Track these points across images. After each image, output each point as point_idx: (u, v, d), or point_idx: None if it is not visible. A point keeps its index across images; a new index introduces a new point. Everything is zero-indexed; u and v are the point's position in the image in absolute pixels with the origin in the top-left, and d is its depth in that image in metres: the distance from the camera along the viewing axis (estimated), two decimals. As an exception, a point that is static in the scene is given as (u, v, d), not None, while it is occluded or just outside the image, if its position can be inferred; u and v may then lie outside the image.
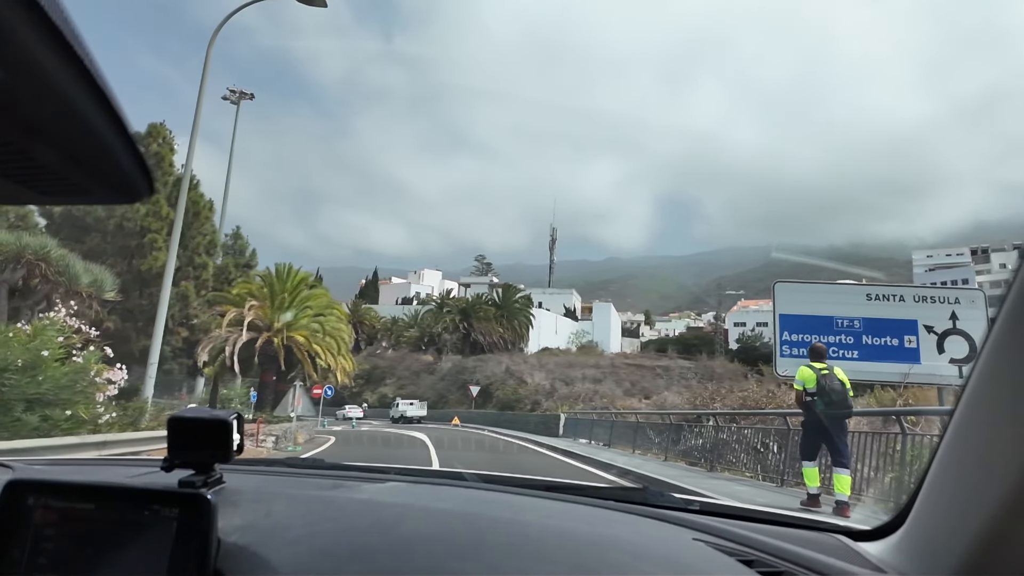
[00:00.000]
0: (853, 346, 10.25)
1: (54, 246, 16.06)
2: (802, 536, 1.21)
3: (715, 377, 45.10)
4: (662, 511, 1.34)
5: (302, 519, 1.02)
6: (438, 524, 1.05)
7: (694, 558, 1.04)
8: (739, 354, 72.54)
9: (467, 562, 0.89)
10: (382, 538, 0.96)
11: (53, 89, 0.44)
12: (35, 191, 0.57)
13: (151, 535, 0.87)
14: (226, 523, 0.93)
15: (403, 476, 1.64)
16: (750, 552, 1.08)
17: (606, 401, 30.32)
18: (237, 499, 1.06)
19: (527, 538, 1.01)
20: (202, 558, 0.85)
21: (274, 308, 24.25)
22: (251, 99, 56.90)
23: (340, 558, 0.89)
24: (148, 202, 25.18)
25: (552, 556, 0.94)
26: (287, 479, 1.49)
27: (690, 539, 1.12)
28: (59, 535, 0.89)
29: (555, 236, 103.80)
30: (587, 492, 1.56)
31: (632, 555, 0.98)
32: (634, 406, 30.68)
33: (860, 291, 10.79)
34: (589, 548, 1.00)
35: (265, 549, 0.90)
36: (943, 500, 0.88)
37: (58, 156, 0.51)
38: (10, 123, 0.46)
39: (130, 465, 1.66)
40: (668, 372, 51.34)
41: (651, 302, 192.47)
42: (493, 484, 1.57)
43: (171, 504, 0.88)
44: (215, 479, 1.01)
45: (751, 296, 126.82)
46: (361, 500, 1.21)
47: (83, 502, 0.90)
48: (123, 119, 0.50)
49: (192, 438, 0.99)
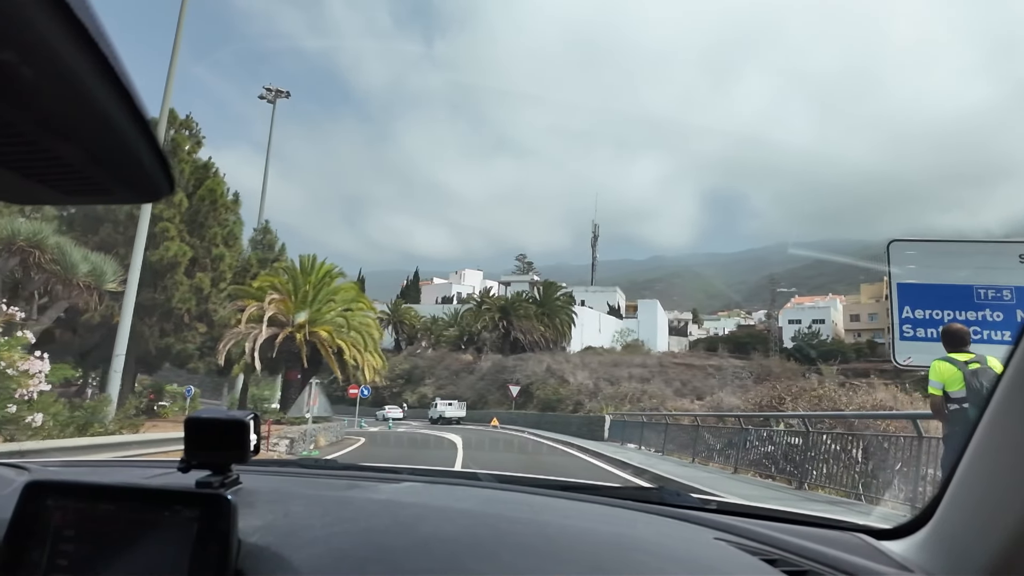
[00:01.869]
0: (1003, 324, 7.56)
1: (50, 233, 14.83)
2: (823, 535, 1.19)
3: (772, 376, 43.27)
4: (680, 511, 1.34)
5: (320, 519, 1.02)
6: (457, 524, 1.05)
7: (717, 557, 1.03)
8: (795, 353, 69.37)
9: (487, 562, 0.89)
10: (401, 538, 0.96)
11: (77, 86, 0.43)
12: (57, 190, 0.57)
13: (171, 536, 0.86)
14: (245, 524, 0.92)
15: (418, 476, 1.63)
16: (773, 551, 1.07)
17: (655, 402, 27.84)
18: (254, 500, 1.07)
19: (547, 538, 1.00)
20: (223, 559, 0.85)
21: (297, 302, 22.76)
22: (287, 97, 56.71)
23: (360, 559, 0.89)
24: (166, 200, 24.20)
25: (572, 556, 0.93)
26: (302, 480, 1.48)
27: (711, 538, 1.12)
28: (78, 536, 0.88)
29: (597, 233, 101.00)
30: (603, 492, 1.57)
31: (653, 555, 0.98)
32: (686, 407, 28.13)
33: (1011, 250, 8.04)
34: (609, 548, 0.99)
35: (285, 549, 0.90)
36: (972, 498, 0.88)
37: (81, 154, 0.51)
38: (35, 121, 0.46)
39: (145, 466, 1.68)
40: (720, 371, 48.75)
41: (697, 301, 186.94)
42: (509, 484, 1.58)
43: (191, 505, 0.88)
44: (232, 480, 1.01)
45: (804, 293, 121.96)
46: (379, 500, 1.21)
47: (102, 503, 0.90)
48: (145, 117, 0.49)
49: (209, 439, 0.99)
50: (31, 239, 14.25)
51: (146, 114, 0.49)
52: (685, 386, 40.15)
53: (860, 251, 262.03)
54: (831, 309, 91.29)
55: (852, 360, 73.53)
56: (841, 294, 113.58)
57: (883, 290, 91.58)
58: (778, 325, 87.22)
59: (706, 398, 36.12)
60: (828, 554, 1.04)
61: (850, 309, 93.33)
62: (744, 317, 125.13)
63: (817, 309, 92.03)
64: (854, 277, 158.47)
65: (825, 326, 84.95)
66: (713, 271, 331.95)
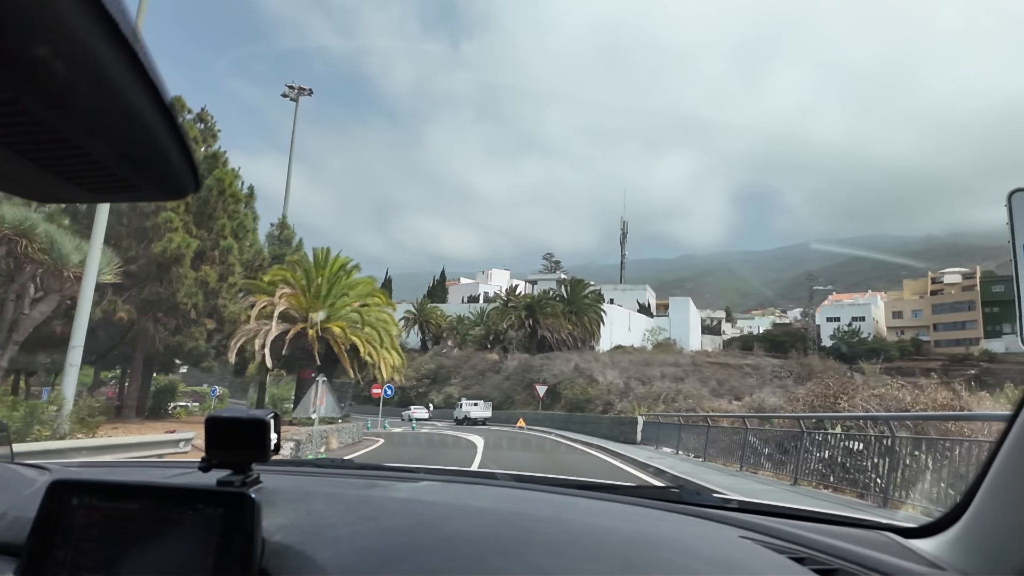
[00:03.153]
0: None
1: (39, 220, 13.90)
2: (850, 533, 1.18)
3: (814, 375, 41.49)
4: (702, 509, 1.32)
5: (343, 518, 1.01)
6: (480, 523, 1.03)
7: (743, 556, 1.01)
8: (834, 351, 66.83)
9: (512, 561, 0.88)
10: (425, 537, 0.96)
11: (108, 82, 0.44)
12: (84, 188, 0.57)
13: (195, 535, 0.86)
14: (268, 522, 0.92)
15: (435, 476, 1.62)
16: (800, 549, 1.05)
17: (691, 402, 26.06)
18: (276, 499, 1.06)
19: (571, 536, 1.00)
20: (247, 557, 0.84)
21: (310, 296, 21.65)
22: (310, 95, 56.38)
23: (385, 557, 0.89)
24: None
25: (598, 555, 0.92)
26: (322, 479, 1.48)
27: (736, 537, 1.10)
28: (102, 535, 0.88)
29: (626, 229, 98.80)
30: (623, 491, 1.55)
31: (680, 553, 0.96)
32: (724, 408, 26.31)
33: None
34: (635, 546, 0.97)
35: (309, 548, 0.90)
36: (1007, 497, 0.87)
37: (110, 151, 0.51)
38: (66, 117, 0.46)
39: (164, 466, 1.71)
40: (758, 370, 46.72)
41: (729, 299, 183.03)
42: (527, 483, 1.56)
43: (214, 503, 0.88)
44: (253, 479, 1.00)
45: (841, 290, 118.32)
46: (400, 499, 1.20)
47: (126, 502, 0.90)
48: (174, 113, 0.50)
49: (229, 438, 0.98)
50: (18, 227, 13.35)
51: (175, 111, 0.49)
52: (722, 385, 38.27)
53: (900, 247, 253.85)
54: (871, 306, 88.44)
55: (896, 359, 70.57)
56: (881, 291, 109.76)
57: (927, 286, 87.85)
58: (815, 323, 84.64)
59: (745, 398, 34.20)
60: (857, 552, 1.02)
61: (892, 306, 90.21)
62: (778, 315, 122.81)
63: (857, 306, 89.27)
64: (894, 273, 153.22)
65: (865, 323, 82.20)
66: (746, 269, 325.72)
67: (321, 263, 22.35)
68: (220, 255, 19.85)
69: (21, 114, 0.44)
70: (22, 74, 0.40)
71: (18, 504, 1.07)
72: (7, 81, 0.41)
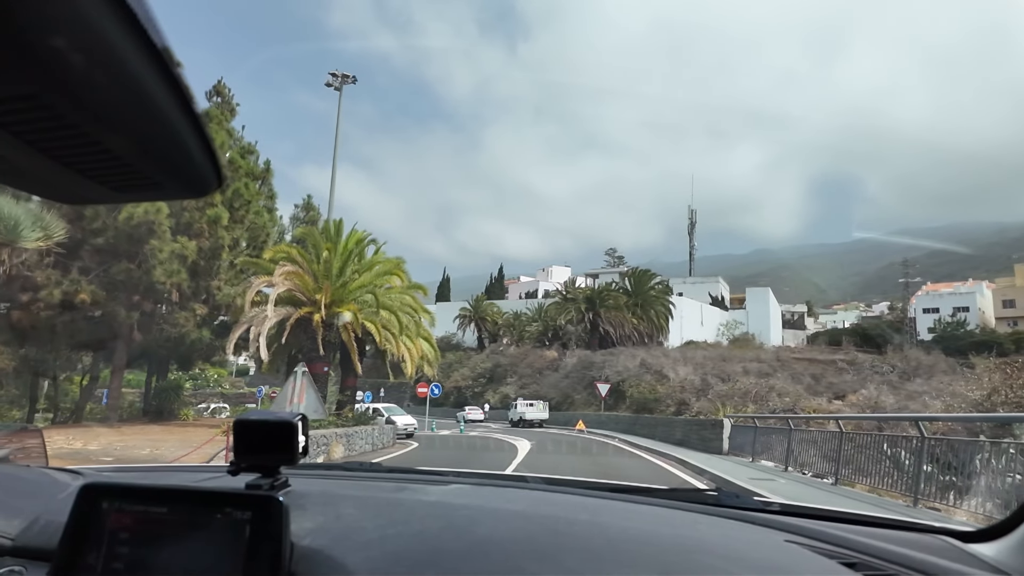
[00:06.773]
0: None
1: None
2: (902, 537, 1.12)
3: (922, 370, 36.36)
4: (743, 512, 1.28)
5: (372, 522, 1.00)
6: (512, 526, 1.02)
7: (790, 561, 0.97)
8: (937, 344, 59.43)
9: (546, 564, 0.86)
10: (456, 541, 0.94)
11: (128, 75, 0.43)
12: (107, 187, 0.56)
13: (224, 538, 0.86)
14: (297, 526, 0.91)
15: (466, 479, 1.57)
16: (851, 554, 1.00)
17: (788, 400, 21.12)
18: (304, 502, 1.05)
19: (608, 540, 0.97)
20: (276, 561, 0.84)
21: (320, 276, 18.22)
22: (353, 82, 53.99)
23: (415, 561, 0.88)
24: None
25: (636, 559, 0.90)
26: (350, 482, 1.46)
27: (781, 540, 1.05)
28: (133, 539, 0.88)
29: (694, 219, 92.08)
30: (659, 494, 1.48)
31: (722, 558, 0.93)
32: (826, 408, 21.30)
33: None
34: (675, 551, 0.95)
35: (339, 552, 0.90)
36: None
37: (132, 147, 0.51)
38: (86, 113, 0.45)
39: (193, 471, 1.72)
40: (854, 366, 40.89)
41: (808, 294, 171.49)
42: (559, 486, 1.52)
43: (243, 507, 0.88)
44: (281, 482, 0.99)
45: (934, 280, 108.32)
46: (429, 502, 1.18)
47: (156, 506, 0.90)
48: (195, 109, 0.49)
49: (257, 441, 0.97)
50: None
51: (196, 106, 0.48)
52: (818, 382, 32.92)
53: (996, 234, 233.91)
54: (976, 295, 79.24)
55: (1010, 352, 62.09)
56: (983, 279, 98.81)
57: (1046, 270, 77.97)
58: (911, 315, 76.39)
59: (848, 396, 28.86)
60: (912, 557, 0.98)
61: (1001, 294, 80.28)
62: (863, 309, 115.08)
63: (958, 296, 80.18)
64: (995, 261, 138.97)
65: (971, 314, 73.20)
66: (824, 262, 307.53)
67: (332, 237, 18.89)
68: (208, 227, 16.61)
69: (41, 109, 0.43)
70: (42, 69, 0.39)
71: (52, 508, 1.08)
72: (27, 76, 0.40)
